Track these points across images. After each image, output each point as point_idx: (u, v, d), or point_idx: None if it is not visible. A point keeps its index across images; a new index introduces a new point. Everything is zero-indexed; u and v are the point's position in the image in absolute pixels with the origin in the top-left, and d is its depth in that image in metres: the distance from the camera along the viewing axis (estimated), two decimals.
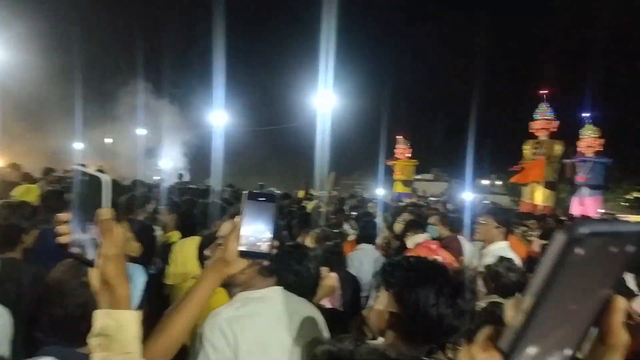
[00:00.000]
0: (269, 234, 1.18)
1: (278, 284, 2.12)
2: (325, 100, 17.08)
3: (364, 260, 3.75)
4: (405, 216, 4.69)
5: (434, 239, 4.71)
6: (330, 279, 2.55)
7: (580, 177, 20.79)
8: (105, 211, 0.92)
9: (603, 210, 22.15)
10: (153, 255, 3.91)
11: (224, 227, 1.64)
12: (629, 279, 4.19)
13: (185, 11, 30.10)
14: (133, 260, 3.68)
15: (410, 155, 28.27)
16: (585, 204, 20.38)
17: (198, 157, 27.19)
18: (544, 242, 5.04)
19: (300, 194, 15.66)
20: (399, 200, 20.41)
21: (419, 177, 40.24)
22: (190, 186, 11.80)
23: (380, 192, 28.15)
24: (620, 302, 0.53)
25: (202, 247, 1.87)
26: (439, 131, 52.41)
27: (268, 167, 40.66)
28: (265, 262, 1.47)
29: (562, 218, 12.69)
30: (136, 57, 27.01)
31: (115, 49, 29.67)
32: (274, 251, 1.18)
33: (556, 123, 21.89)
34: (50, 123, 25.10)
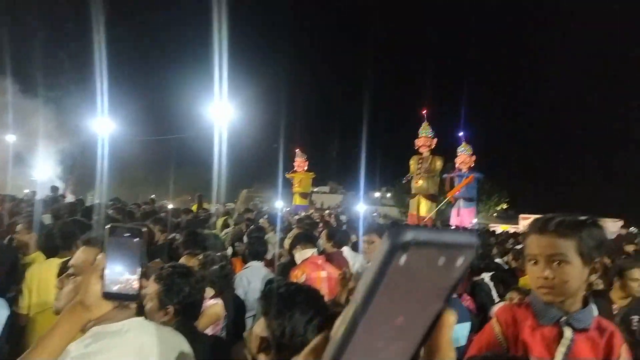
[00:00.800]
0: (135, 273, 1.11)
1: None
2: (221, 110, 16.76)
3: (252, 279, 3.72)
4: (295, 231, 4.77)
5: (320, 253, 4.87)
6: (215, 306, 2.47)
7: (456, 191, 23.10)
8: None
9: (476, 220, 24.75)
10: (14, 283, 3.43)
11: (78, 257, 1.51)
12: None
13: (64, 3, 27.39)
14: None
15: (307, 168, 28.91)
16: (462, 215, 22.65)
17: (81, 168, 24.83)
18: None
19: (194, 207, 15.12)
20: (296, 213, 20.70)
21: (316, 189, 41.31)
22: (70, 201, 10.68)
23: (279, 204, 28.32)
24: (450, 318, 0.48)
25: (60, 273, 1.67)
26: (334, 145, 54.45)
27: (161, 179, 38.49)
28: (133, 305, 1.38)
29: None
30: (5, 55, 24.02)
31: None
32: (143, 291, 1.12)
33: (435, 140, 24.13)
34: None
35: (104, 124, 22.00)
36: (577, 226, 1.32)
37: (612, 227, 23.39)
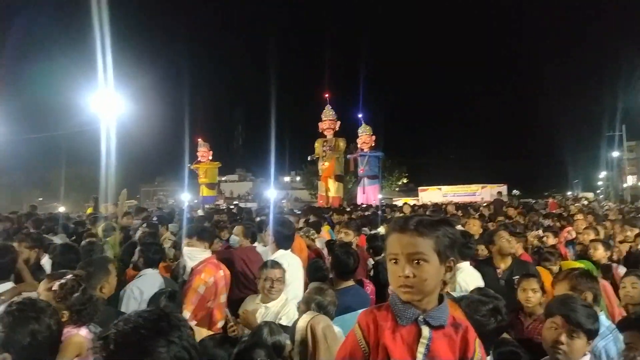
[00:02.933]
0: None
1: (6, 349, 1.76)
2: (107, 101, 15.43)
3: (145, 289, 3.46)
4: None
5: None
6: (76, 336, 2.21)
7: (360, 170, 24.06)
8: None
9: (381, 196, 26.04)
10: None
11: None
12: None
13: None
14: None
15: (212, 157, 28.07)
16: (367, 192, 23.68)
17: None
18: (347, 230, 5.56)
19: (89, 210, 13.92)
20: (205, 204, 20.06)
21: (224, 178, 40.37)
22: None
23: (185, 197, 27.20)
24: None
25: None
26: (239, 132, 53.41)
27: (49, 179, 34.77)
28: None
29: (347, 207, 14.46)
30: None
31: None
32: None
33: (338, 123, 24.81)
34: None
35: None
36: (434, 225, 1.35)
37: (494, 191, 26.13)
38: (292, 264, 3.55)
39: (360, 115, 24.81)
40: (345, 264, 3.37)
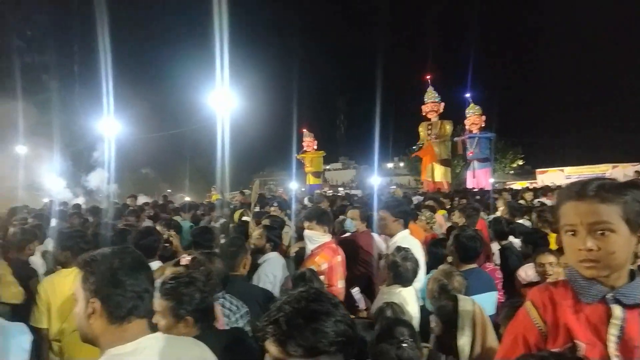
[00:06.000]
0: None
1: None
2: (223, 99, 16.62)
3: (276, 272, 3.67)
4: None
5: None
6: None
7: (469, 152, 22.79)
8: None
9: (493, 180, 24.49)
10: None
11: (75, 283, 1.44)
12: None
13: (65, 17, 27.41)
14: (15, 309, 3.20)
15: (316, 147, 28.84)
16: (477, 176, 22.41)
17: (92, 173, 25.03)
18: (459, 218, 5.35)
19: (214, 197, 15.07)
20: (311, 193, 20.70)
21: (328, 167, 41.24)
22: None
23: (293, 186, 28.37)
24: None
25: None
26: (341, 121, 54.02)
27: (174, 173, 38.74)
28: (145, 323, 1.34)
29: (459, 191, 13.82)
30: (15, 66, 24.16)
31: None
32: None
33: (442, 105, 23.74)
34: None
35: (111, 124, 22.04)
36: (620, 189, 1.17)
37: (629, 171, 22.93)
38: (414, 246, 3.48)
39: (467, 95, 23.46)
40: (469, 247, 3.23)
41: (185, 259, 2.59)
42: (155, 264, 3.48)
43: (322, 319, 1.11)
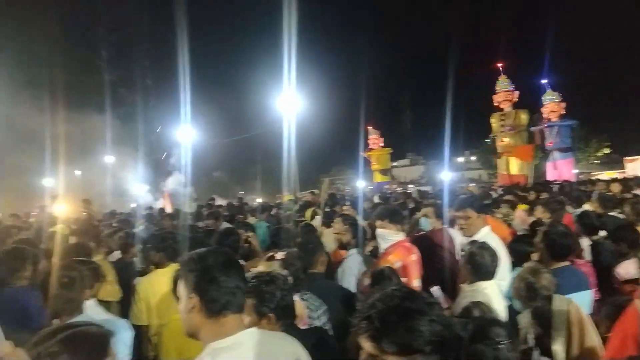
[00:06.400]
0: None
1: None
2: (290, 101, 17.00)
3: (358, 268, 3.68)
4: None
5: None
6: (296, 303, 2.48)
7: (549, 142, 21.32)
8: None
9: (577, 171, 22.76)
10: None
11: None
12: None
13: (142, 35, 29.58)
14: (110, 306, 3.48)
15: (383, 144, 28.57)
16: (559, 167, 20.91)
17: (171, 177, 26.73)
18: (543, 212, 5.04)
19: (286, 197, 15.45)
20: (379, 190, 20.54)
21: (395, 164, 40.65)
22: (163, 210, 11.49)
23: (361, 184, 28.33)
24: None
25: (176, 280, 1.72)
26: (407, 116, 52.99)
27: (246, 175, 40.29)
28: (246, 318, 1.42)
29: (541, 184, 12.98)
30: (100, 82, 26.49)
31: (76, 78, 28.92)
32: None
33: (517, 93, 22.39)
34: (16, 162, 24.36)
35: (187, 132, 23.39)
36: None
37: None
38: (496, 243, 3.32)
39: (544, 81, 21.94)
40: (561, 245, 3.03)
41: (279, 254, 2.70)
42: None
43: (416, 317, 1.10)
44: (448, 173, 25.29)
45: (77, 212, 9.92)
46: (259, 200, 23.46)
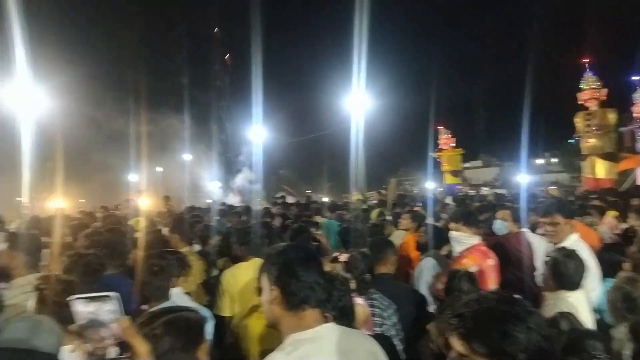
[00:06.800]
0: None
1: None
2: (359, 100, 16.97)
3: (435, 270, 3.64)
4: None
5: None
6: (359, 306, 2.45)
7: None
8: (124, 321, 1.14)
9: None
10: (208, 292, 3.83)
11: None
12: None
13: (217, 40, 31.21)
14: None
15: (454, 144, 27.67)
16: None
17: (242, 175, 27.83)
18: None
19: (355, 196, 15.46)
20: (450, 193, 19.90)
21: (467, 165, 39.11)
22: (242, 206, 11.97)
23: (430, 186, 27.66)
24: None
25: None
26: (481, 115, 50.67)
27: (313, 175, 40.89)
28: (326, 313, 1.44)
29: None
30: (178, 85, 28.33)
31: (157, 85, 31.18)
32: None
33: (604, 91, 20.61)
34: (104, 160, 26.67)
35: (258, 132, 24.22)
36: None
37: None
38: (584, 252, 3.10)
39: (635, 78, 20.03)
40: None
41: (343, 256, 2.70)
42: None
43: (512, 322, 1.06)
44: (525, 176, 23.90)
45: (159, 206, 10.66)
46: (325, 199, 23.70)
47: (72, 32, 25.39)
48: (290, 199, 13.76)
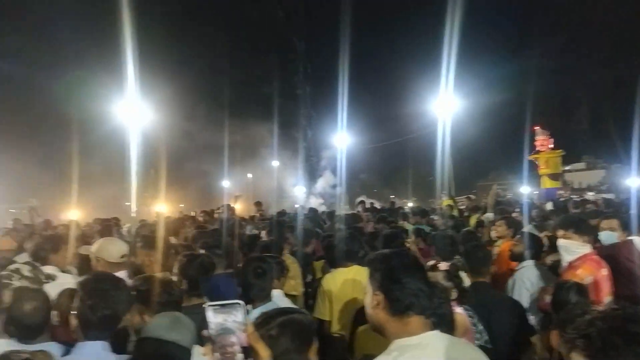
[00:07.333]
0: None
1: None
2: (446, 102, 16.46)
3: (534, 280, 3.41)
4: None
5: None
6: (459, 316, 2.37)
7: None
8: (249, 327, 1.26)
9: None
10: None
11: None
12: None
13: (302, 51, 32.29)
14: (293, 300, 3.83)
15: (552, 145, 25.64)
16: None
17: (326, 180, 28.39)
18: None
19: (445, 202, 15.06)
20: (549, 198, 18.47)
21: (568, 167, 36.04)
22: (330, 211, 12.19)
23: (525, 190, 25.93)
24: None
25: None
26: (584, 114, 46.23)
27: (396, 179, 40.34)
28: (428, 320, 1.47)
29: None
30: (265, 96, 29.74)
31: (245, 93, 33.00)
32: None
33: None
34: (199, 167, 28.74)
35: (343, 136, 24.52)
36: None
37: None
38: None
39: None
40: None
41: (443, 264, 2.67)
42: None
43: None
44: (636, 179, 21.41)
45: (251, 211, 11.24)
46: (410, 204, 23.26)
47: (170, 53, 27.85)
48: (375, 204, 13.72)
